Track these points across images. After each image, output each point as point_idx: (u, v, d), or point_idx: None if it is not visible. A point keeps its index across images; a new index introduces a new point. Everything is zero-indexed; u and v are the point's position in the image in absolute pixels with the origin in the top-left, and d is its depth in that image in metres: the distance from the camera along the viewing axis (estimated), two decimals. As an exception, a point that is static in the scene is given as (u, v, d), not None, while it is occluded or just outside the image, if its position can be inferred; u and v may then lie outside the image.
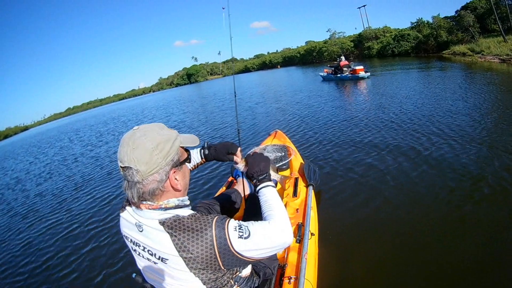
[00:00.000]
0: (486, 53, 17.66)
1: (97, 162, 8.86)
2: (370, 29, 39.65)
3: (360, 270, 2.28)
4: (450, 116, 5.77)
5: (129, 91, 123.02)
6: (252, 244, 0.92)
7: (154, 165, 0.91)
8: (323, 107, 9.45)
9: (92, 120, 32.93)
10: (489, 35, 21.73)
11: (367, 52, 36.44)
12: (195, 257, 0.88)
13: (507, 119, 4.99)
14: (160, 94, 68.72)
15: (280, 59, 62.02)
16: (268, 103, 13.16)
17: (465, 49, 20.53)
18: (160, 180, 0.93)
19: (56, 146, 16.78)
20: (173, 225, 0.90)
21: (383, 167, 3.89)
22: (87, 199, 5.56)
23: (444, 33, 25.56)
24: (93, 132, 17.77)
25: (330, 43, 43.93)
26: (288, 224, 1.00)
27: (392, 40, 32.66)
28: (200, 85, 56.19)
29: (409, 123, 5.77)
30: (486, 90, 7.73)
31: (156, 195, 0.95)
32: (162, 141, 0.93)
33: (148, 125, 0.97)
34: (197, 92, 32.93)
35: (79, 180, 7.18)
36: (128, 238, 1.03)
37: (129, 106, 41.58)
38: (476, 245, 2.31)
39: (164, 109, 22.20)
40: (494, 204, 2.75)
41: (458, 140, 4.36)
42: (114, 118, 26.57)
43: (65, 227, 4.44)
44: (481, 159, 3.68)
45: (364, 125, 6.19)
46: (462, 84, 9.27)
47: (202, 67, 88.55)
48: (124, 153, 0.90)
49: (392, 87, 10.99)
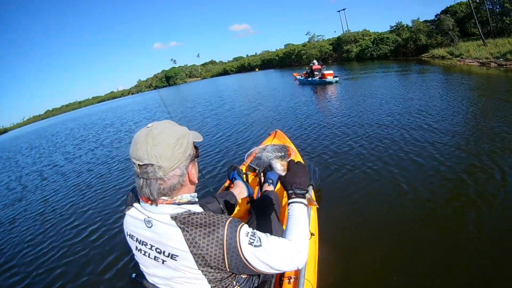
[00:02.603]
0: (465, 56, 17.83)
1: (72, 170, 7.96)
2: (349, 33, 39.77)
3: (360, 270, 2.28)
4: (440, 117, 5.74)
5: (108, 94, 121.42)
6: (261, 254, 0.91)
7: (175, 160, 0.92)
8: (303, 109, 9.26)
9: (71, 123, 30.04)
10: (469, 39, 21.85)
11: (346, 56, 36.50)
12: (204, 254, 0.88)
13: (486, 120, 5.19)
14: (139, 96, 68.43)
15: (259, 62, 62.03)
16: (255, 106, 12.43)
17: (444, 53, 20.98)
18: (181, 174, 0.95)
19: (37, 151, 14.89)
20: (185, 220, 0.91)
21: (384, 167, 3.91)
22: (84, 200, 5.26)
23: (424, 37, 25.86)
24: (78, 139, 15.37)
25: (309, 46, 43.72)
26: (305, 248, 1.00)
27: (371, 43, 32.85)
28: (179, 88, 56.04)
29: (395, 125, 5.73)
30: (464, 92, 8.07)
31: (176, 189, 0.95)
32: (181, 136, 0.95)
33: (161, 122, 0.97)
34: (178, 95, 31.52)
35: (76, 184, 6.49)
36: (133, 237, 1.02)
37: (109, 109, 40.14)
38: (478, 246, 2.31)
39: (148, 112, 20.70)
40: (495, 206, 2.74)
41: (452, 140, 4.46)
42: (95, 122, 22.74)
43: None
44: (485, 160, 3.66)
45: (363, 125, 6.10)
46: (441, 86, 9.54)
47: (181, 69, 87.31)
48: (143, 151, 0.89)
49: (362, 90, 11.12)
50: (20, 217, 5.23)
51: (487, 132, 4.52)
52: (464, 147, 4.12)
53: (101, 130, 16.09)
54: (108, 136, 13.03)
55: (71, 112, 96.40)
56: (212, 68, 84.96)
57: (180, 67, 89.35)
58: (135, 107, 28.36)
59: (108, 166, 7.31)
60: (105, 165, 7.44)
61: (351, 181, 3.69)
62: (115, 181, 5.88)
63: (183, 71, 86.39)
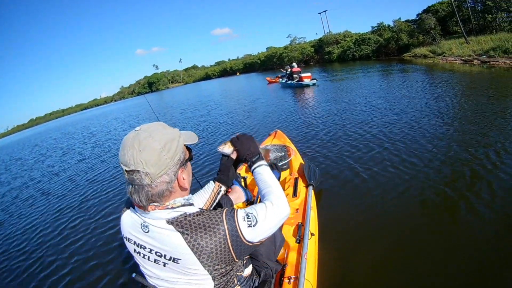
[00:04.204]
0: (447, 55, 17.86)
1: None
2: (330, 34, 39.31)
3: (360, 270, 2.27)
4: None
5: (91, 101, 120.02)
6: (260, 229, 0.95)
7: (162, 166, 0.88)
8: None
9: (56, 133, 28.72)
10: (451, 37, 21.99)
11: (327, 57, 36.21)
12: (209, 253, 0.88)
13: (470, 116, 5.30)
14: (121, 103, 68.26)
15: (241, 66, 61.41)
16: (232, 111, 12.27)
17: (426, 51, 21.26)
18: (169, 181, 0.91)
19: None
20: (183, 223, 0.90)
21: (384, 167, 3.84)
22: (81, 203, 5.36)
23: (405, 36, 26.33)
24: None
25: (290, 49, 42.79)
26: (283, 198, 1.06)
27: (352, 44, 32.71)
28: (162, 94, 54.87)
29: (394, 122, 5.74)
30: (447, 89, 8.10)
31: (165, 196, 0.92)
32: (169, 140, 0.91)
33: (150, 125, 0.93)
34: (160, 102, 30.44)
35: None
36: (131, 240, 1.01)
37: (93, 117, 38.81)
38: (478, 246, 2.29)
39: (134, 119, 19.77)
40: (495, 205, 2.72)
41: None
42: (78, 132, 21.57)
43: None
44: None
45: (362, 126, 6.00)
46: (424, 84, 9.63)
47: (164, 75, 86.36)
48: (129, 156, 0.86)
49: (341, 92, 11.02)
50: (18, 214, 5.52)
51: (487, 133, 4.41)
52: (458, 147, 4.06)
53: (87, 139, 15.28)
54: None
55: (55, 120, 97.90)
56: (195, 73, 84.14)
57: (163, 73, 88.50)
58: (120, 114, 27.63)
59: (107, 164, 7.62)
60: (104, 163, 7.78)
61: (351, 181, 3.65)
62: (115, 181, 5.96)
63: (166, 76, 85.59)
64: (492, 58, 13.79)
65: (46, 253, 3.71)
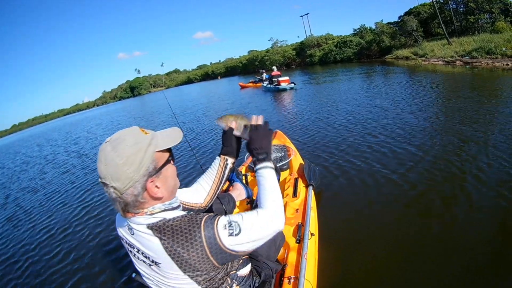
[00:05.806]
0: (430, 56, 17.89)
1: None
2: (312, 37, 38.88)
3: (360, 270, 2.25)
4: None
5: (73, 106, 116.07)
6: (243, 239, 0.90)
7: (127, 181, 0.84)
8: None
9: (39, 139, 26.59)
10: (433, 39, 21.98)
11: (309, 60, 35.98)
12: (187, 260, 0.86)
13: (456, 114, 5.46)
14: (104, 108, 66.63)
15: (223, 70, 60.91)
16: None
17: (408, 53, 21.20)
18: (137, 194, 0.87)
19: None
20: (161, 229, 0.88)
21: (385, 167, 3.81)
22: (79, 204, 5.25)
23: (387, 38, 26.35)
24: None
25: (272, 52, 42.15)
26: (280, 210, 1.00)
27: (334, 47, 32.74)
28: (144, 98, 54.12)
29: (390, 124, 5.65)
30: (431, 90, 8.23)
31: (137, 206, 0.89)
32: (132, 154, 0.85)
33: (120, 134, 0.89)
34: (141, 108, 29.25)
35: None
36: (123, 239, 1.01)
37: (77, 122, 36.78)
38: (478, 246, 2.26)
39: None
40: (495, 207, 2.69)
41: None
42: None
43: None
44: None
45: (361, 125, 5.93)
46: (407, 85, 9.65)
47: (145, 79, 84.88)
48: (99, 169, 0.86)
49: (320, 95, 10.81)
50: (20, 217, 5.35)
51: (487, 132, 4.46)
52: (453, 147, 4.06)
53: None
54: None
55: (38, 126, 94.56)
56: (176, 77, 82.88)
57: (145, 77, 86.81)
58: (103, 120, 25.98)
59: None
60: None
61: (351, 181, 3.60)
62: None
63: (147, 81, 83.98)
64: (474, 59, 13.70)
65: (46, 253, 3.70)
